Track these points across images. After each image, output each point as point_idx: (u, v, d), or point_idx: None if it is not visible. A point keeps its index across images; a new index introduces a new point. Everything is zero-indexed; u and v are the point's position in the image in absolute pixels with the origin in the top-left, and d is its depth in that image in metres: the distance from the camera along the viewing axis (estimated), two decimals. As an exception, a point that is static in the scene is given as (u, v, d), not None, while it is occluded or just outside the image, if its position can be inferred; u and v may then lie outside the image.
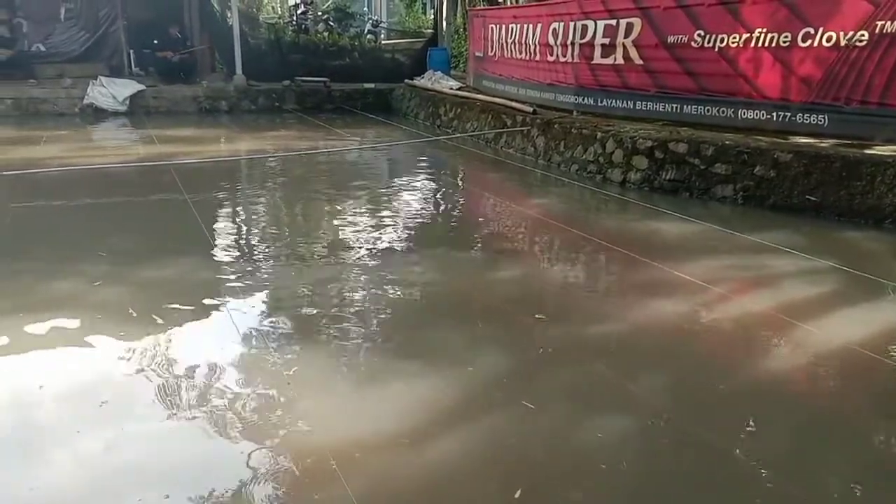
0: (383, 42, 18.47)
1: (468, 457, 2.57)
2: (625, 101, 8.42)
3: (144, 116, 12.02)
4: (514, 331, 3.76)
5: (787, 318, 3.86)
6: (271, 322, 3.77)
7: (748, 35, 6.96)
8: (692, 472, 2.55)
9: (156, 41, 13.74)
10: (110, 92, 12.25)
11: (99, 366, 3.20)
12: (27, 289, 4.11)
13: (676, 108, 7.78)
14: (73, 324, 3.64)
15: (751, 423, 2.84)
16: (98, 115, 12.03)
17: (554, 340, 3.60)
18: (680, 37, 7.63)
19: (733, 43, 7.12)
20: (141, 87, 12.59)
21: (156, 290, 4.16)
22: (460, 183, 8.36)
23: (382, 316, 3.91)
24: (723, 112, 7.30)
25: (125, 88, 12.40)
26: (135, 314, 3.74)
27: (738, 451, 2.64)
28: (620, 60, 8.39)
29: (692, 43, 7.50)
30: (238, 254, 5.11)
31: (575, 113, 9.04)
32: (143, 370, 3.15)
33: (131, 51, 14.16)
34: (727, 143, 6.49)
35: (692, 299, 4.15)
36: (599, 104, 8.81)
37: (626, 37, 8.26)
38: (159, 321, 3.66)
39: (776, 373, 3.32)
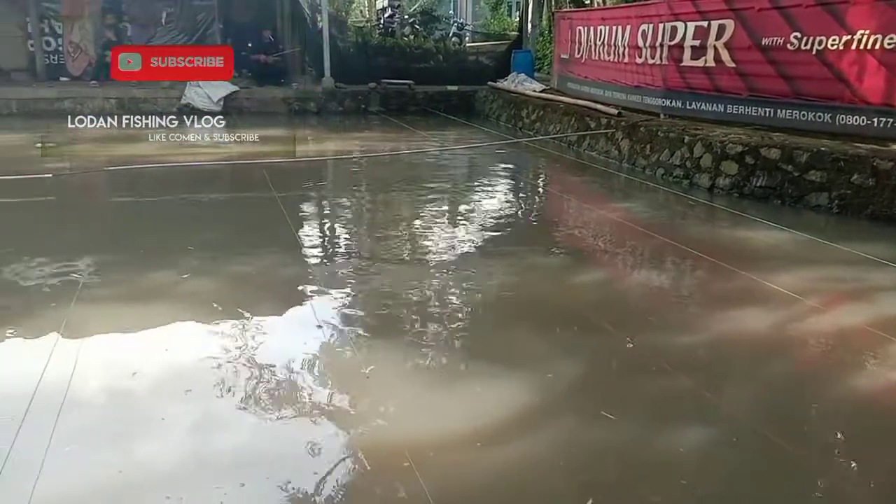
0: (468, 45, 18.55)
1: (541, 463, 2.55)
2: (715, 105, 8.18)
3: (237, 116, 12.45)
4: (595, 337, 3.71)
5: (883, 333, 3.66)
6: (352, 319, 3.85)
7: (849, 37, 6.64)
8: (780, 494, 2.45)
9: (250, 44, 14.20)
10: (206, 92, 12.74)
11: (186, 356, 3.33)
12: (124, 279, 4.33)
13: (769, 112, 7.50)
14: (165, 314, 3.79)
15: (844, 443, 2.71)
16: (194, 114, 12.51)
17: (636, 349, 3.53)
18: (775, 39, 7.35)
19: (833, 45, 6.80)
20: (235, 88, 13.03)
21: (242, 284, 4.31)
22: (541, 185, 8.31)
23: (461, 317, 3.93)
24: (819, 117, 6.99)
25: (220, 89, 12.87)
26: (221, 307, 3.88)
27: (830, 472, 2.52)
28: (711, 63, 8.16)
29: (788, 45, 7.21)
30: (322, 251, 5.23)
31: (662, 116, 8.85)
32: (226, 362, 3.26)
33: (226, 53, 14.68)
34: (823, 149, 6.22)
35: (782, 311, 4.00)
36: (688, 107, 8.58)
37: (717, 38, 8.03)
38: (245, 314, 3.78)
39: (871, 391, 3.16)
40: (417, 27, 18.50)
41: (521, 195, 7.72)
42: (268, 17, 14.76)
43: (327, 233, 5.91)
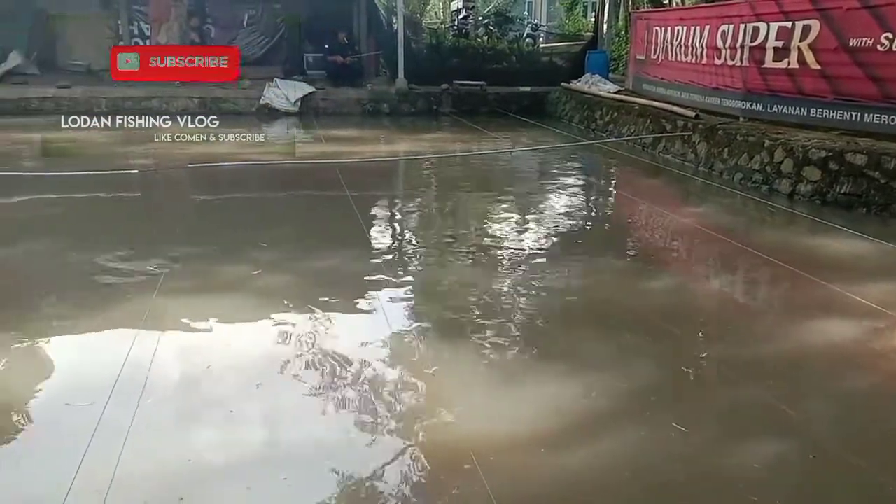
0: (542, 46, 18.43)
1: (607, 472, 2.52)
2: (797, 108, 7.89)
3: (313, 117, 12.72)
4: (665, 345, 3.64)
5: (977, 351, 3.47)
6: (419, 318, 3.88)
7: (946, 37, 6.31)
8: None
9: (327, 46, 14.48)
10: (284, 93, 13.05)
11: (257, 350, 3.42)
12: (201, 273, 4.49)
13: (856, 116, 7.18)
14: (238, 309, 3.92)
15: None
16: (272, 114, 12.85)
17: (708, 358, 3.44)
18: (864, 39, 7.03)
19: (928, 46, 6.47)
20: (312, 88, 13.31)
21: (313, 281, 4.40)
22: (613, 188, 8.19)
23: (528, 319, 3.91)
24: (911, 121, 6.66)
25: (298, 90, 13.17)
26: (291, 303, 3.97)
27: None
28: (795, 64, 7.87)
29: (878, 46, 6.89)
30: (392, 250, 5.30)
31: (741, 119, 8.59)
32: (295, 357, 3.34)
33: (305, 55, 15.04)
34: (914, 155, 5.93)
35: (865, 323, 3.83)
36: (769, 110, 8.30)
37: (801, 40, 7.74)
38: (314, 310, 3.87)
39: (961, 411, 3.00)
40: (491, 28, 18.49)
41: (592, 197, 7.63)
42: (344, 20, 15.03)
43: (397, 232, 5.98)
